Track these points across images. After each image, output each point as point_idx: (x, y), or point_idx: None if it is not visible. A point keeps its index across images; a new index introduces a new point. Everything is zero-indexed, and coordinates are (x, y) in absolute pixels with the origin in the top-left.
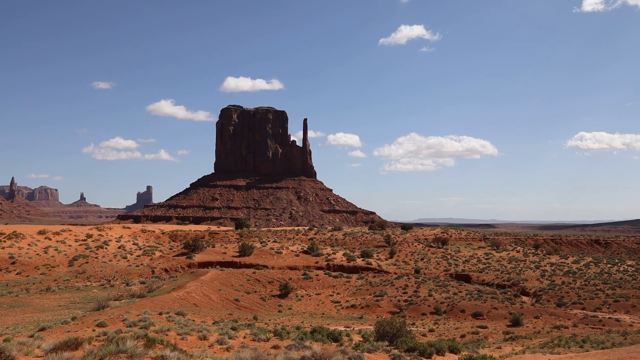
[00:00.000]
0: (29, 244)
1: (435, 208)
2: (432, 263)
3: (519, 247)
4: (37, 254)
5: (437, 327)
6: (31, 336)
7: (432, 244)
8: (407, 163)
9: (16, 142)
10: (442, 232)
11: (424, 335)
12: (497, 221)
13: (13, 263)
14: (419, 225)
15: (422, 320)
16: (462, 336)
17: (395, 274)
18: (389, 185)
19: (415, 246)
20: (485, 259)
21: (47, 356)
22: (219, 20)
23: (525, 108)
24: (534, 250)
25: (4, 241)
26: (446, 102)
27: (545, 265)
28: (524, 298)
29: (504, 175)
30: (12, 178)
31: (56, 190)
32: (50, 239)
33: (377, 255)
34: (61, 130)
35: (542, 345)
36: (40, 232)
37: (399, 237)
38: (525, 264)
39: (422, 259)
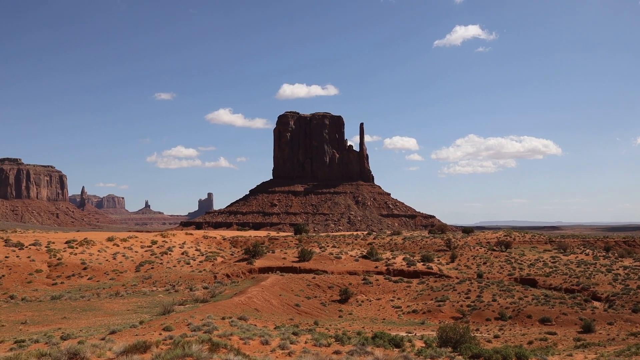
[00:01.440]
0: (98, 250)
1: (496, 210)
2: (495, 267)
3: (588, 250)
4: (107, 260)
5: (502, 333)
6: (103, 339)
7: (494, 248)
8: (466, 165)
9: (86, 153)
10: (504, 235)
11: (489, 341)
12: (563, 223)
13: (85, 268)
14: (480, 228)
15: (486, 326)
16: (530, 342)
17: (457, 278)
18: (448, 188)
19: (477, 250)
20: (552, 263)
21: (118, 358)
22: (272, 28)
23: (589, 105)
24: (604, 253)
25: (76, 247)
26: (505, 101)
27: (617, 269)
28: (595, 303)
29: (569, 175)
30: (83, 187)
31: (123, 198)
32: (118, 246)
33: (438, 260)
34: (126, 141)
35: (617, 354)
36: (109, 239)
37: (459, 240)
38: (595, 267)
39: (484, 263)
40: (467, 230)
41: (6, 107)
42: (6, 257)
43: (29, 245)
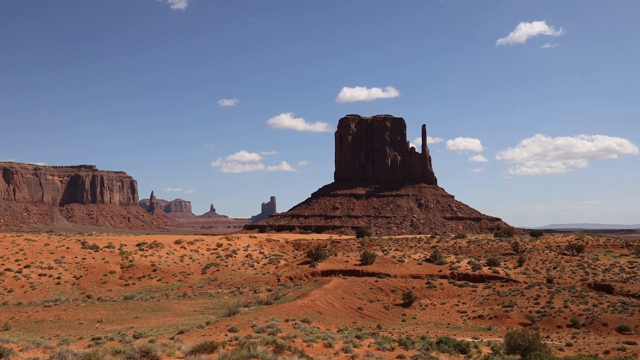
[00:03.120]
0: (167, 253)
1: (566, 213)
2: (566, 272)
3: None
4: (175, 262)
5: (575, 342)
6: (172, 338)
7: (565, 252)
8: (534, 166)
9: (155, 159)
10: (576, 239)
11: (561, 349)
12: None
13: (154, 270)
14: (550, 231)
15: (557, 333)
16: (606, 352)
17: (526, 283)
18: (515, 190)
19: (547, 254)
20: (630, 268)
21: (187, 358)
22: (331, 32)
23: None
24: None
25: (147, 250)
26: (574, 99)
27: None
28: None
29: None
30: (152, 192)
31: (189, 202)
32: (185, 248)
33: (505, 264)
34: (192, 147)
35: None
36: (177, 242)
37: (527, 244)
38: None
39: (554, 268)
40: (535, 234)
41: (81, 111)
42: (83, 258)
43: (103, 247)
